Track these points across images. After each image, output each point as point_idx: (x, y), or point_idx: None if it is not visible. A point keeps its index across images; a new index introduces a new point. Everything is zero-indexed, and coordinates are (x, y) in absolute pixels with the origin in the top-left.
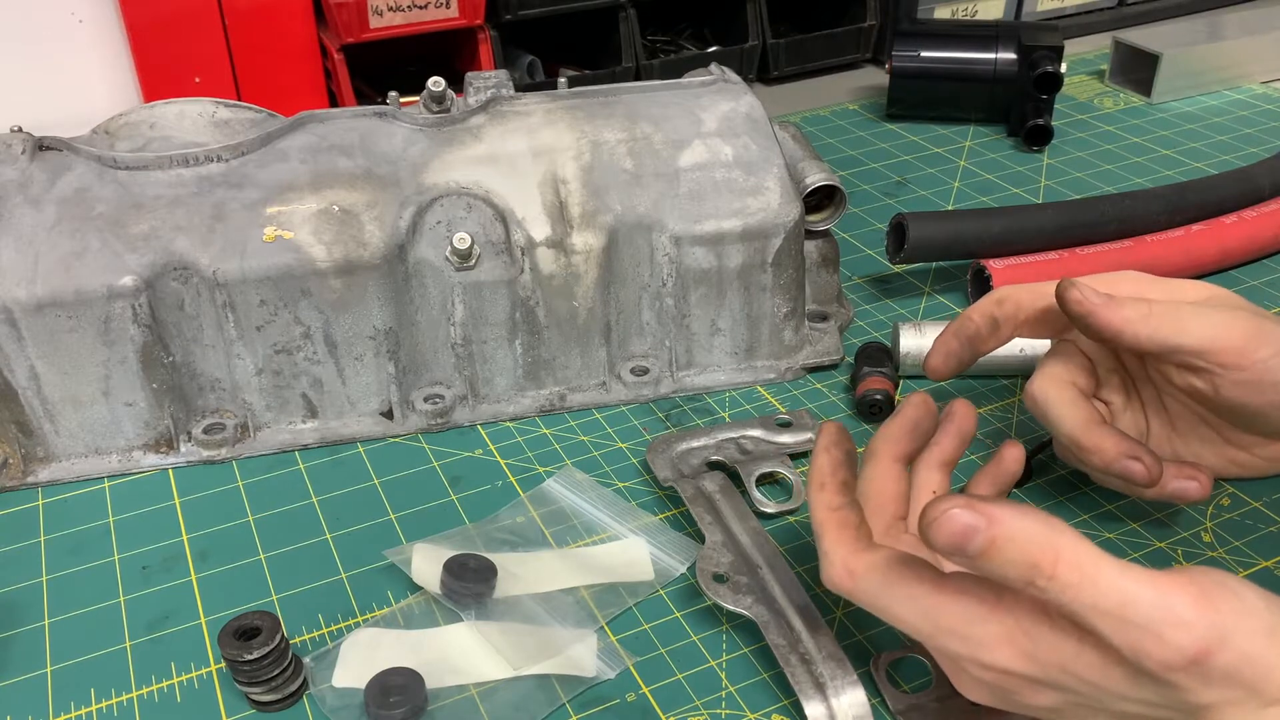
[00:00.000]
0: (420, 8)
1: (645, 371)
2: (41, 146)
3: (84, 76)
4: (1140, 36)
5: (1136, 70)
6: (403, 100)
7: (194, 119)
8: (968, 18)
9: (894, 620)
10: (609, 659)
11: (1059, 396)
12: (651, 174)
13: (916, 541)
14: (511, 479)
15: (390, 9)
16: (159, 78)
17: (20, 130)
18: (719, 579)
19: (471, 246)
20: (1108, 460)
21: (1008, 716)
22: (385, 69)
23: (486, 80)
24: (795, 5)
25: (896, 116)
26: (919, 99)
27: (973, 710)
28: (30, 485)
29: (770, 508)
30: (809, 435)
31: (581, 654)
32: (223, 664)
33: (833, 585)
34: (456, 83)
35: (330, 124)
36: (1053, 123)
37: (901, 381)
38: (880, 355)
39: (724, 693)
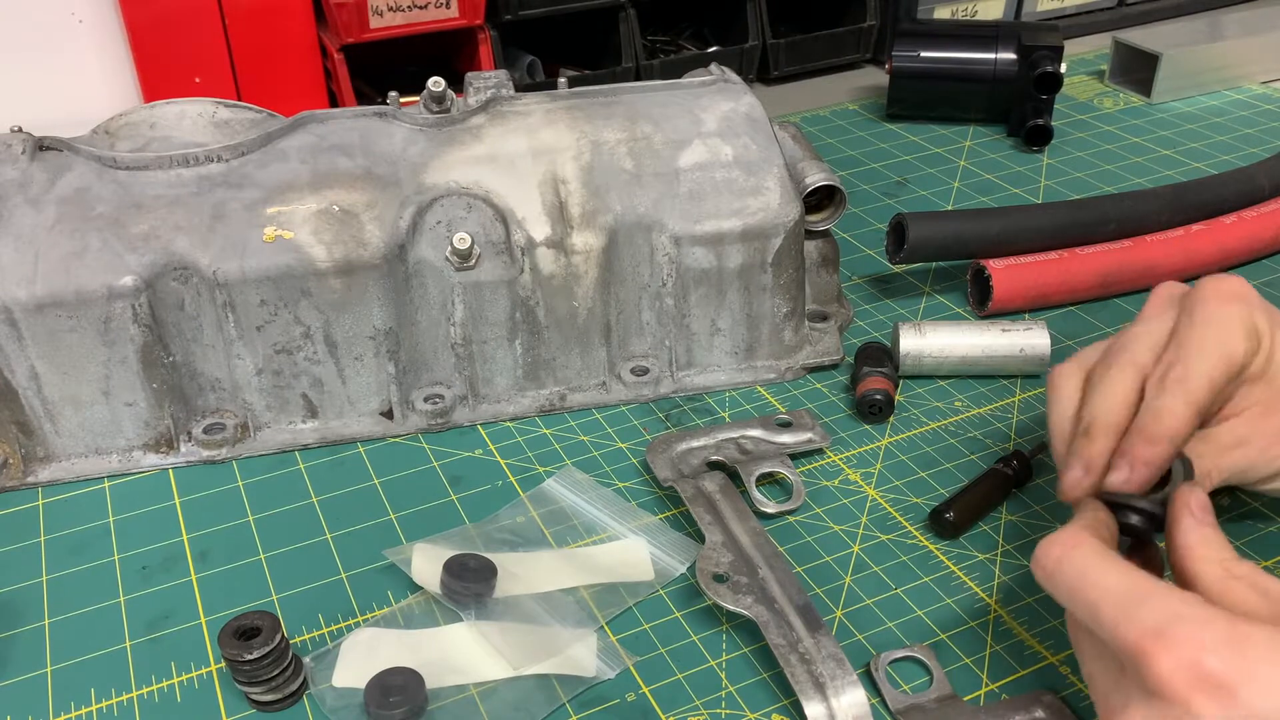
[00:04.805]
0: (420, 8)
1: (645, 371)
2: (41, 146)
3: (84, 76)
4: (1140, 36)
5: (1136, 70)
6: (403, 100)
7: (194, 119)
8: (968, 18)
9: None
10: (609, 659)
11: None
12: (651, 174)
13: None
14: (511, 479)
15: (390, 9)
16: (159, 78)
17: (20, 130)
18: (719, 579)
19: (471, 246)
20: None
21: (1007, 717)
22: (385, 69)
23: (486, 80)
24: (795, 5)
25: (896, 116)
26: (919, 99)
27: (972, 711)
28: (30, 485)
29: (770, 508)
30: (809, 435)
31: (581, 654)
32: (223, 664)
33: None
34: (456, 83)
35: (330, 124)
36: (1053, 123)
37: (901, 381)
38: (880, 355)
39: (724, 693)
